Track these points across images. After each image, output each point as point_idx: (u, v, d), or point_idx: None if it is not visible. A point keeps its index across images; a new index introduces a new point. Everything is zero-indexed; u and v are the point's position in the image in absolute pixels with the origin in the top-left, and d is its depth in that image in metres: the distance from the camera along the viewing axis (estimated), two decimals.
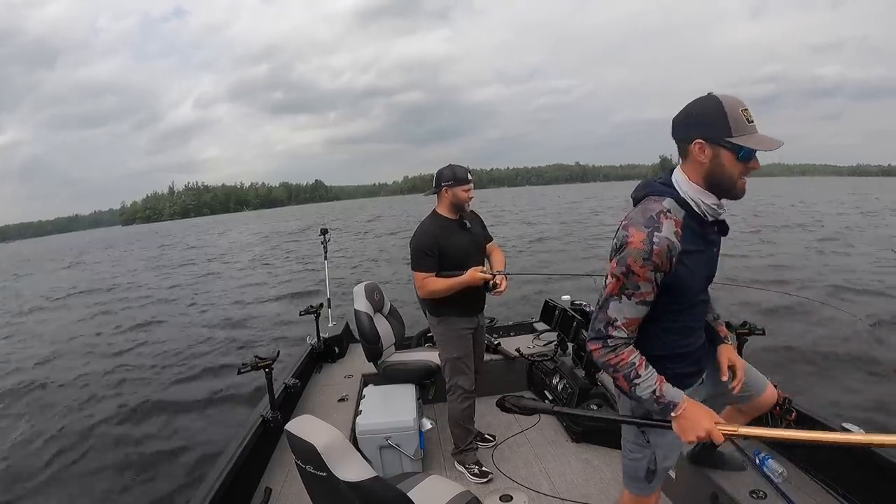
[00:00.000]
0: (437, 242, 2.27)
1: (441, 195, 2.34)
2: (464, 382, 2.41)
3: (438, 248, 2.26)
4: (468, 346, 2.41)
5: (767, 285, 7.90)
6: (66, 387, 6.29)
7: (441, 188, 2.31)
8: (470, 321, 2.41)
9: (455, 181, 2.28)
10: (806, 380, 4.64)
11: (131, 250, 32.25)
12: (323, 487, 1.24)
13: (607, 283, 1.23)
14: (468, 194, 2.31)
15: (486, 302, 2.49)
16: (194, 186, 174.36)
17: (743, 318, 2.26)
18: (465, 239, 2.34)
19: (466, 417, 2.44)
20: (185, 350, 7.33)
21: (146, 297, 12.71)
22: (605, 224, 20.93)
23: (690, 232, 1.20)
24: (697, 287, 1.28)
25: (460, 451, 2.49)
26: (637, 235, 1.16)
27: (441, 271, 2.28)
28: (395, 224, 30.33)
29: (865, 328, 5.66)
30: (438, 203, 2.37)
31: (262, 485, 2.07)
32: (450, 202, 2.32)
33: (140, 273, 18.43)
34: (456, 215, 2.36)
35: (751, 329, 2.19)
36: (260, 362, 2.28)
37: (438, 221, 2.35)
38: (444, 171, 2.32)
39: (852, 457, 1.75)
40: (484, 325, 2.58)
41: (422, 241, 2.28)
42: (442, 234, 2.30)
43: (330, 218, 43.88)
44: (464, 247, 2.32)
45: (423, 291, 2.29)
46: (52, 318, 11.35)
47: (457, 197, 2.30)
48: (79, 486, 3.86)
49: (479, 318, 2.48)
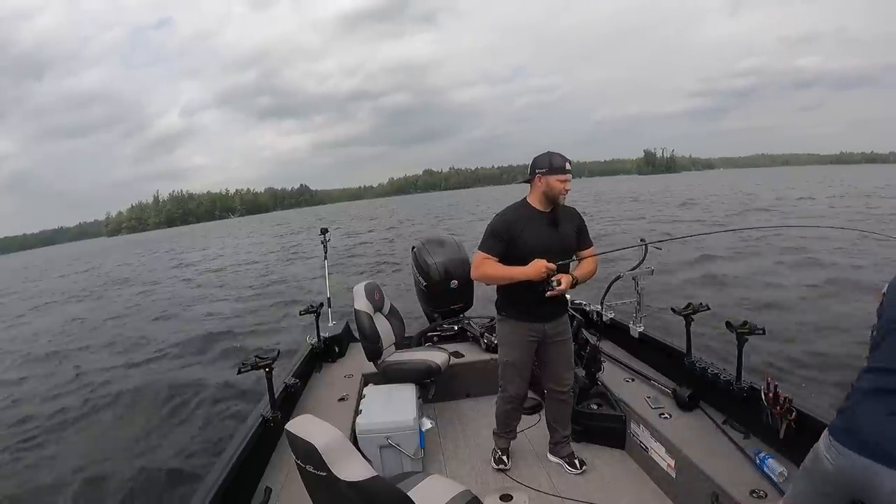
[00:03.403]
0: (510, 228, 2.13)
1: (534, 184, 2.15)
2: (510, 388, 2.36)
3: (510, 235, 2.12)
4: (523, 353, 2.28)
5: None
6: (66, 386, 6.30)
7: (535, 176, 2.13)
8: (531, 327, 2.22)
9: (550, 170, 2.09)
10: (806, 379, 4.63)
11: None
12: (323, 487, 1.24)
13: None
14: (564, 185, 2.10)
15: (563, 310, 2.31)
16: (179, 195, 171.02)
17: (743, 318, 2.27)
18: (546, 233, 2.14)
19: (505, 417, 2.48)
20: (185, 350, 7.33)
21: (137, 304, 12.67)
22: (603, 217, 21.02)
23: None
24: None
25: (497, 434, 2.54)
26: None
27: (510, 262, 2.12)
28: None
29: (867, 326, 5.65)
30: (530, 192, 2.19)
31: (262, 484, 2.07)
32: (542, 192, 2.13)
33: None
34: (547, 207, 2.16)
35: (751, 329, 2.19)
36: (260, 362, 2.28)
37: (522, 209, 2.19)
38: (539, 159, 2.14)
39: None
40: (564, 337, 2.32)
41: (494, 223, 2.17)
42: (520, 222, 2.14)
43: (332, 225, 43.82)
44: (541, 241, 2.12)
45: (477, 272, 2.17)
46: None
47: (550, 187, 2.10)
48: (79, 487, 3.86)
49: (548, 326, 2.24)
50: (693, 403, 2.41)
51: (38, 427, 5.07)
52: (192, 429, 4.62)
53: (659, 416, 2.39)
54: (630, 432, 2.53)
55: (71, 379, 6.61)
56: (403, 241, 17.11)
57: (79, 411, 5.40)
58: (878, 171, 71.08)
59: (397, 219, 36.71)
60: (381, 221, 35.25)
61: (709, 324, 2.88)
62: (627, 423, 2.55)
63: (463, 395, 3.23)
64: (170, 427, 4.71)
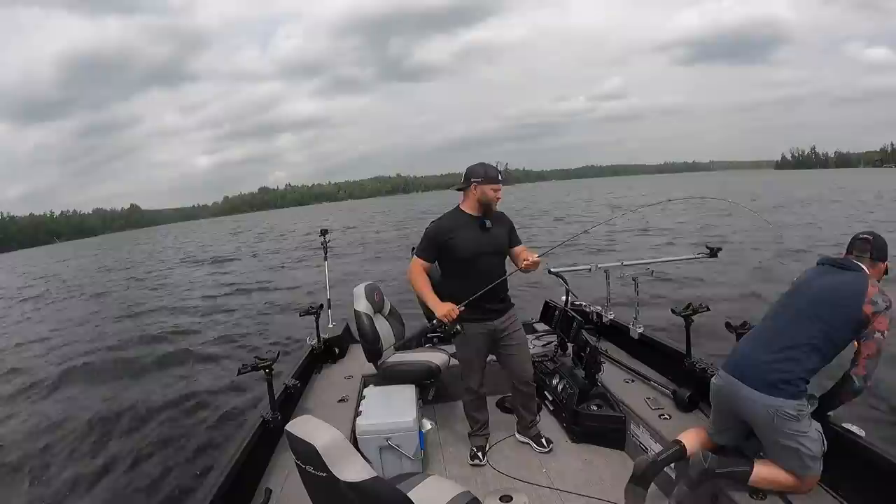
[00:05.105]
0: (444, 234, 2.31)
1: (469, 191, 2.34)
2: (470, 381, 2.53)
3: (445, 241, 2.31)
4: (477, 349, 2.45)
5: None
6: (65, 385, 6.30)
7: (470, 184, 2.32)
8: (480, 326, 2.39)
9: (485, 179, 2.30)
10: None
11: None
12: (323, 488, 1.24)
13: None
14: (497, 194, 2.33)
15: (509, 305, 2.47)
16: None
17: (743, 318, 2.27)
18: (479, 236, 2.33)
19: (472, 410, 2.60)
20: (185, 350, 7.32)
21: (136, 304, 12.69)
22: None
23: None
24: None
25: (470, 434, 2.64)
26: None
27: (448, 264, 2.36)
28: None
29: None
30: (464, 199, 2.38)
31: (262, 485, 2.07)
32: (477, 199, 2.33)
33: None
34: (479, 213, 2.36)
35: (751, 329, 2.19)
36: (260, 363, 2.29)
37: (456, 216, 2.38)
38: (475, 168, 2.33)
39: (853, 458, 1.76)
40: (513, 329, 2.48)
41: (429, 229, 2.36)
42: (454, 228, 2.32)
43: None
44: (474, 244, 2.31)
45: (409, 276, 2.37)
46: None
47: (485, 194, 2.31)
48: (79, 488, 3.86)
49: (498, 322, 2.42)
50: (693, 404, 2.42)
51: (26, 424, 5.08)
52: (193, 430, 4.61)
53: (659, 416, 2.39)
54: (630, 433, 2.53)
55: (72, 377, 6.61)
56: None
57: (77, 411, 5.40)
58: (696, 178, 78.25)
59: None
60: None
61: (709, 324, 2.89)
62: (627, 424, 2.55)
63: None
64: (170, 428, 4.70)
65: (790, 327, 1.75)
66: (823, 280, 1.81)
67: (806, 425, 1.69)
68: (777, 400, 1.67)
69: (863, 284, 1.71)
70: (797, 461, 1.69)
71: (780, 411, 1.66)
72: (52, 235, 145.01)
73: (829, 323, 1.70)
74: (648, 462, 1.93)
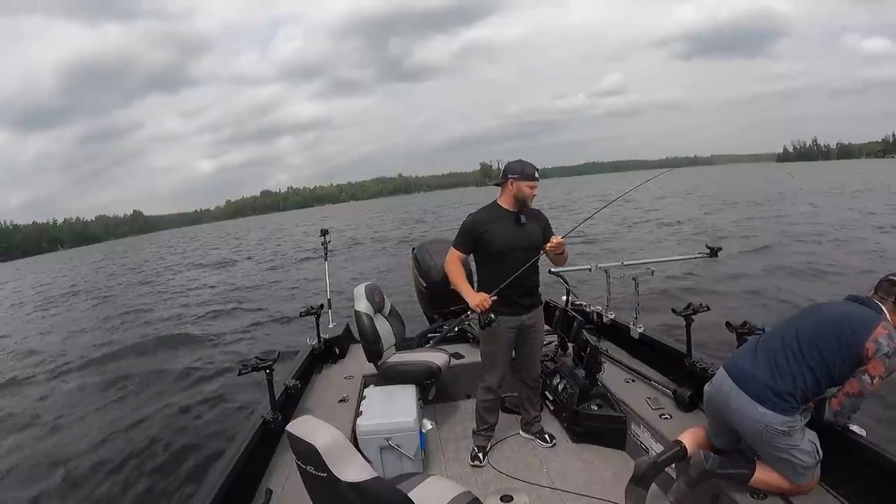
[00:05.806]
0: (480, 227, 2.36)
1: (505, 187, 2.40)
2: (489, 378, 2.53)
3: (480, 234, 2.36)
4: (504, 344, 2.46)
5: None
6: (65, 386, 6.30)
7: (507, 180, 2.38)
8: (511, 319, 2.41)
9: (522, 175, 2.35)
10: None
11: None
12: (323, 488, 1.24)
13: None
14: (532, 191, 2.38)
15: (539, 301, 2.53)
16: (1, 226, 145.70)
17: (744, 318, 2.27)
18: (514, 231, 2.38)
19: (484, 412, 2.58)
20: (185, 351, 7.33)
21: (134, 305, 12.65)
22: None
23: None
24: None
25: (475, 432, 2.63)
26: None
27: (483, 256, 2.42)
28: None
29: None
30: (501, 194, 2.44)
31: (263, 486, 2.07)
32: (513, 195, 2.38)
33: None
34: (515, 208, 2.40)
35: (751, 329, 2.19)
36: (260, 363, 2.28)
37: (492, 209, 2.44)
38: (512, 165, 2.39)
39: (853, 457, 1.76)
40: (536, 328, 2.53)
41: (466, 222, 2.42)
42: (489, 221, 2.38)
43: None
44: (509, 238, 2.36)
45: (446, 266, 2.43)
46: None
47: (520, 191, 2.36)
48: (79, 488, 3.86)
49: (526, 317, 2.46)
50: (693, 404, 2.41)
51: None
52: (193, 430, 4.62)
53: (659, 416, 2.39)
54: (630, 433, 2.53)
55: (72, 379, 6.62)
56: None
57: (77, 411, 5.40)
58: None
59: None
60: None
61: (709, 324, 2.88)
62: (628, 423, 2.55)
63: (463, 396, 3.23)
64: (170, 428, 4.70)
65: (791, 346, 1.74)
66: (837, 308, 1.81)
67: (798, 438, 1.69)
68: (767, 415, 1.67)
69: (874, 321, 1.68)
70: (791, 471, 1.71)
71: (770, 427, 1.67)
72: (56, 243, 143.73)
73: (828, 350, 1.68)
74: (649, 463, 1.93)
